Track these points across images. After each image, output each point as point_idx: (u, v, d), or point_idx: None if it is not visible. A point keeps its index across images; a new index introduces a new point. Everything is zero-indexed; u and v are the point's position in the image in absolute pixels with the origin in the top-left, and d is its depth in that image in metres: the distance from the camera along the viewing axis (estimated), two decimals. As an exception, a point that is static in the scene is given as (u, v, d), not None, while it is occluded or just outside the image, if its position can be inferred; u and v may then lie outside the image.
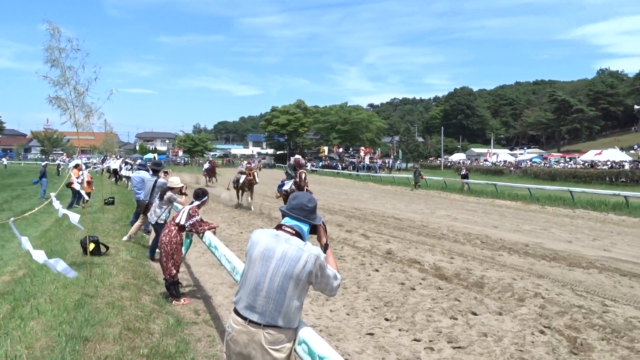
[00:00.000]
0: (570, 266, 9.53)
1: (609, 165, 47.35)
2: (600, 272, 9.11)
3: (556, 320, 6.27)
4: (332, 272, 3.01)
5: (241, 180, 19.14)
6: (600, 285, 8.16)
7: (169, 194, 8.49)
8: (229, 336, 3.01)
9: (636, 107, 39.37)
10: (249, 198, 18.89)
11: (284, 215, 3.18)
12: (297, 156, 16.30)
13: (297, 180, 14.82)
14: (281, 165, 73.13)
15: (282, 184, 15.89)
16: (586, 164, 51.89)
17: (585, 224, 16.06)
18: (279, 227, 3.11)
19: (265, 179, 31.47)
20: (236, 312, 3.02)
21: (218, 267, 8.39)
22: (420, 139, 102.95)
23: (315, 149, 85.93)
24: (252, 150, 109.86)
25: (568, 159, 61.62)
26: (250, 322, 2.92)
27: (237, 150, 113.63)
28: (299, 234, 3.06)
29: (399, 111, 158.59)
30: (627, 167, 44.78)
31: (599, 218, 17.72)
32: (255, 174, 18.78)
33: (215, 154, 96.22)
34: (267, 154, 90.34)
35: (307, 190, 14.31)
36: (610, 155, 51.96)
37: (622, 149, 60.71)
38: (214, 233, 6.91)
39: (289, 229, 3.06)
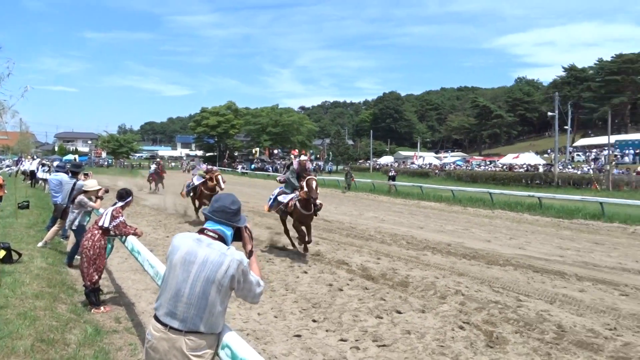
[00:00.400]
0: (488, 264, 10.03)
1: (525, 168, 50.32)
2: (515, 269, 9.65)
3: (474, 316, 6.58)
4: (255, 279, 2.98)
5: (198, 185, 14.99)
6: (515, 281, 8.64)
7: (79, 197, 8.12)
8: (149, 344, 2.92)
9: (549, 113, 42.29)
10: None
11: (207, 219, 3.12)
12: (302, 157, 11.75)
13: (304, 191, 10.03)
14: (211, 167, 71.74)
15: (274, 197, 11.13)
16: (504, 166, 54.88)
17: (502, 224, 16.96)
18: (201, 231, 3.05)
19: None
20: (156, 318, 2.93)
21: (142, 272, 8.09)
22: (350, 142, 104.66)
23: (245, 150, 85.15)
24: (180, 152, 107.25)
25: (488, 162, 64.85)
26: (171, 328, 2.84)
27: (164, 151, 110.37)
28: (222, 238, 3.01)
29: (329, 114, 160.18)
30: (541, 170, 47.76)
31: (515, 218, 18.76)
32: (220, 177, 14.49)
33: (141, 156, 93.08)
34: (196, 156, 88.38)
35: (316, 204, 10.16)
36: (526, 158, 55.26)
37: (537, 152, 64.79)
38: (138, 237, 6.69)
39: (211, 233, 3.00)
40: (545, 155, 63.01)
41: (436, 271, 9.23)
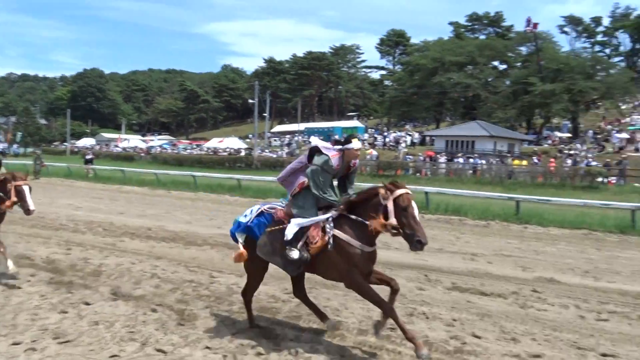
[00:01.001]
0: (187, 245, 10.28)
1: (229, 152, 53.21)
2: (212, 248, 10.13)
3: (168, 297, 6.67)
4: None
5: None
6: (211, 259, 9.10)
7: None
8: None
9: (250, 101, 45.95)
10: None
11: None
12: (354, 143, 5.00)
13: (381, 224, 4.49)
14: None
15: (279, 229, 4.99)
16: (210, 150, 56.94)
17: (204, 206, 17.59)
18: None
19: None
20: None
21: None
22: (43, 121, 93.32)
23: None
24: None
25: (195, 146, 66.25)
26: None
27: None
28: None
29: (17, 88, 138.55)
30: (243, 153, 51.21)
31: (216, 199, 19.68)
32: (26, 189, 7.17)
33: None
34: None
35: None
36: (230, 143, 58.49)
37: (240, 137, 69.11)
38: None
39: None
40: (247, 140, 67.67)
41: (133, 257, 9.01)
